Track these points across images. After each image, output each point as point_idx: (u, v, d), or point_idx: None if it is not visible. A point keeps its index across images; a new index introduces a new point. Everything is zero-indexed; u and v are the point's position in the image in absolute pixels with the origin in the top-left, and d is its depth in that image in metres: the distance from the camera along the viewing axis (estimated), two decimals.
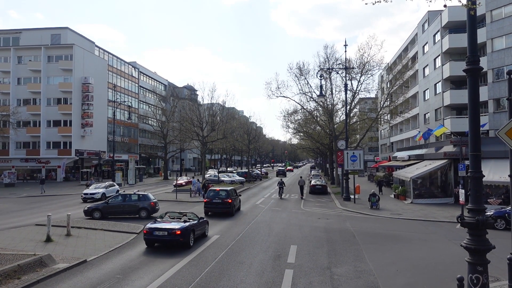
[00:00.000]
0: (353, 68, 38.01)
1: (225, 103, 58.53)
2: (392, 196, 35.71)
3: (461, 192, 23.46)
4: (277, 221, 23.08)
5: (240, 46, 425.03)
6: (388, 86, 64.97)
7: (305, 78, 47.17)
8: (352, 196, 33.20)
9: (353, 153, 31.70)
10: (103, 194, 33.38)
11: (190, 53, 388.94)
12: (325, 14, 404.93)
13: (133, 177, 56.18)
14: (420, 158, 38.17)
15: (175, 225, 15.96)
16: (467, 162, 24.49)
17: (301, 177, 46.99)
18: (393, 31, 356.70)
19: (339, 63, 35.32)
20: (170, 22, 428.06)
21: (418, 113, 57.72)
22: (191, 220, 17.15)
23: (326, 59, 45.45)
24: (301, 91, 48.04)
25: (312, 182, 41.72)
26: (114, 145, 52.28)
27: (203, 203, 27.97)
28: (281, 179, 42.11)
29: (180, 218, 17.26)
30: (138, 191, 25.33)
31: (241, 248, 15.96)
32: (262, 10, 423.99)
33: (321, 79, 33.85)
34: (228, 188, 27.10)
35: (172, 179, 68.71)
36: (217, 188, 26.93)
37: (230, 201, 25.46)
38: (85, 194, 33.51)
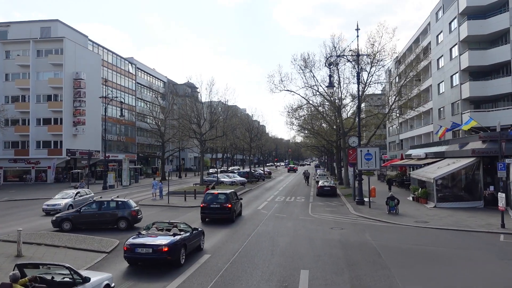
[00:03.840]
0: (366, 55, 34.20)
1: (227, 101, 54.78)
2: (410, 198, 31.91)
3: (501, 196, 19.73)
4: (282, 231, 19.37)
5: (241, 45, 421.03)
6: (397, 80, 61.20)
7: (311, 71, 43.45)
8: (365, 199, 29.50)
9: (368, 150, 27.88)
10: (70, 206, 25.57)
11: (192, 53, 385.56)
12: (326, 12, 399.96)
13: (128, 178, 52.67)
14: (440, 156, 34.34)
15: (162, 240, 12.84)
16: (507, 161, 20.75)
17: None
18: (396, 30, 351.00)
19: (350, 50, 31.57)
20: (171, 21, 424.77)
21: (431, 108, 53.84)
22: (182, 232, 13.99)
23: (333, 50, 41.81)
24: (306, 85, 44.37)
25: (320, 183, 37.86)
26: (106, 144, 48.68)
27: (198, 208, 24.41)
28: (305, 170, 59.44)
29: (170, 230, 14.04)
30: (117, 196, 21.65)
31: (236, 274, 12.26)
32: (263, 8, 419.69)
33: (330, 68, 30.17)
34: (228, 191, 23.49)
35: (170, 179, 65.12)
36: (215, 192, 23.33)
37: (229, 206, 21.97)
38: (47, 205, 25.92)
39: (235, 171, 65.80)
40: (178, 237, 13.17)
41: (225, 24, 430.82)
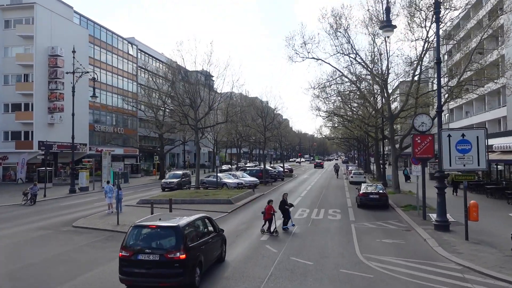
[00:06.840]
0: None
1: (236, 85, 42.77)
2: None
3: None
4: None
5: (261, 37, 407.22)
6: (446, 58, 48.21)
7: (346, 31, 30.98)
8: (450, 219, 17.13)
9: (463, 136, 15.28)
10: None
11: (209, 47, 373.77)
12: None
13: (110, 177, 41.35)
14: None
15: None
16: None
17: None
18: None
19: None
20: (190, 15, 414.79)
21: (503, 86, 40.25)
22: None
23: (379, 2, 29.38)
24: (338, 51, 31.89)
25: (363, 189, 25.00)
26: (74, 135, 36.92)
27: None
28: (336, 164, 61.70)
29: None
30: None
31: None
32: (285, 4, 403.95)
33: None
34: (184, 221, 10.69)
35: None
36: (152, 224, 10.54)
37: (182, 257, 9.58)
38: None
39: (248, 168, 53.64)
40: None
41: (244, 16, 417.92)
